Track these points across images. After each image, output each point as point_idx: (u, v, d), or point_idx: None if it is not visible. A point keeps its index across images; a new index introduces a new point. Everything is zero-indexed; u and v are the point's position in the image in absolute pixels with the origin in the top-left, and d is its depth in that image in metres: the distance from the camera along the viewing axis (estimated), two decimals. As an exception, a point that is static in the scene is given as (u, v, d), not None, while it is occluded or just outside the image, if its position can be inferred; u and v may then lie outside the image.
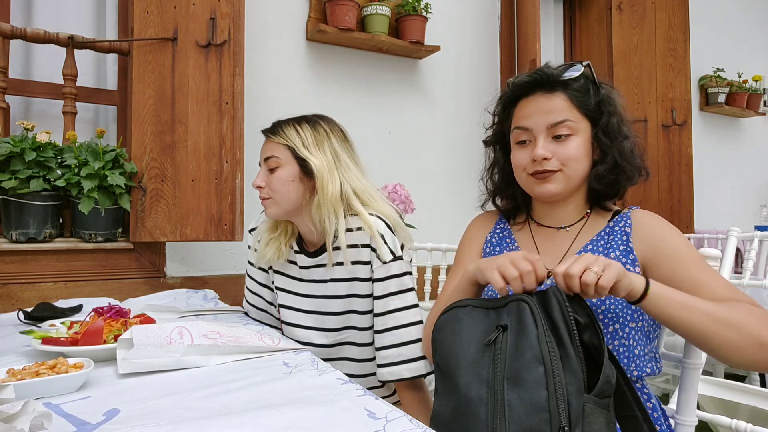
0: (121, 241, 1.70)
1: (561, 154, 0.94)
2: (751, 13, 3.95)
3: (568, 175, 0.95)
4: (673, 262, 0.89)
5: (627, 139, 0.97)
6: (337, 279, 1.15)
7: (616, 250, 0.93)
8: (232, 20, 1.76)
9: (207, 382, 0.77)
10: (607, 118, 0.95)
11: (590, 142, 0.95)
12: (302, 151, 1.12)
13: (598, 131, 0.95)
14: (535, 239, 1.02)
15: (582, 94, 0.95)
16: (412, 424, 0.61)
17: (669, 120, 3.06)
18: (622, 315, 0.88)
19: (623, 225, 0.95)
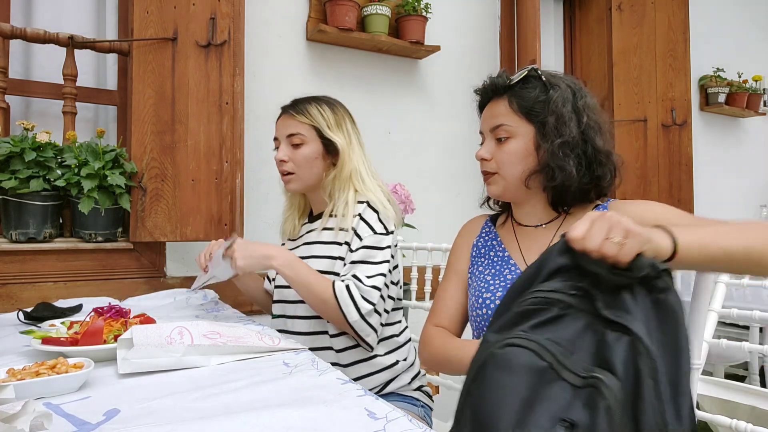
0: (121, 241, 1.70)
1: (497, 157, 0.99)
2: (751, 13, 3.95)
3: (504, 177, 0.99)
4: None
5: (561, 137, 0.94)
6: (324, 242, 1.24)
7: None
8: (232, 20, 1.76)
9: (207, 382, 0.77)
10: (543, 120, 0.95)
11: (533, 145, 0.96)
12: (327, 131, 1.25)
13: (537, 134, 0.96)
14: (518, 238, 1.05)
15: (525, 99, 0.96)
16: (412, 425, 0.61)
17: (669, 120, 3.06)
18: None
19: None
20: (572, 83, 0.99)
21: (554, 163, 0.93)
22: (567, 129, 0.93)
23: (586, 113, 0.96)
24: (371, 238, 1.18)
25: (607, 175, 0.96)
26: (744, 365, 2.36)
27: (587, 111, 0.96)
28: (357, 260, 1.17)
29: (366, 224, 1.19)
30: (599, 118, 0.98)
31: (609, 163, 0.96)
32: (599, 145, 0.95)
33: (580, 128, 0.94)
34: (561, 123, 0.94)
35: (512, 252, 1.04)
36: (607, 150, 0.96)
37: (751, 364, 2.21)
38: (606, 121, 0.99)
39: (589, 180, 0.95)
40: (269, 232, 2.03)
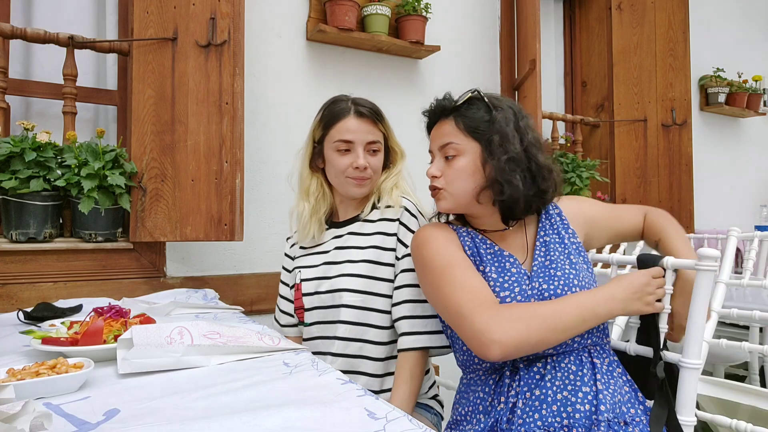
0: (121, 241, 1.70)
1: (446, 173, 1.05)
2: (751, 13, 3.95)
3: (452, 193, 1.05)
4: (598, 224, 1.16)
5: (507, 154, 1.00)
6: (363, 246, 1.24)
7: (565, 230, 1.09)
8: (232, 20, 1.76)
9: (207, 382, 0.77)
10: (488, 138, 1.01)
11: (480, 161, 1.02)
12: (394, 138, 1.34)
13: (483, 151, 1.02)
14: (492, 239, 1.11)
15: (471, 119, 1.03)
16: (412, 424, 0.61)
17: (669, 120, 3.06)
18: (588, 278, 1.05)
19: (555, 212, 1.12)
20: (513, 105, 1.06)
21: (502, 178, 0.99)
22: (511, 146, 1.00)
23: (528, 132, 1.03)
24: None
25: (550, 188, 1.04)
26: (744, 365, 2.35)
27: (528, 130, 1.03)
28: (406, 269, 1.20)
29: (409, 231, 1.22)
30: (539, 137, 1.06)
31: (551, 177, 1.04)
32: (541, 160, 1.02)
33: (523, 146, 1.01)
34: (505, 140, 1.00)
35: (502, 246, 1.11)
36: (548, 165, 1.04)
37: (751, 364, 2.21)
38: (543, 142, 1.08)
39: (534, 193, 1.02)
40: (269, 232, 2.03)
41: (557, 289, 1.00)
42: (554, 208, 1.12)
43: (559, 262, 1.03)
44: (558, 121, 2.92)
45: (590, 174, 2.70)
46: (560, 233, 1.09)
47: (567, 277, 1.01)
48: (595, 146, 3.13)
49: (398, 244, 1.21)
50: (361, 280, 1.21)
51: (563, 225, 1.10)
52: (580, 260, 1.06)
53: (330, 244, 1.30)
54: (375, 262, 1.21)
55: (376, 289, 1.20)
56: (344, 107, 1.26)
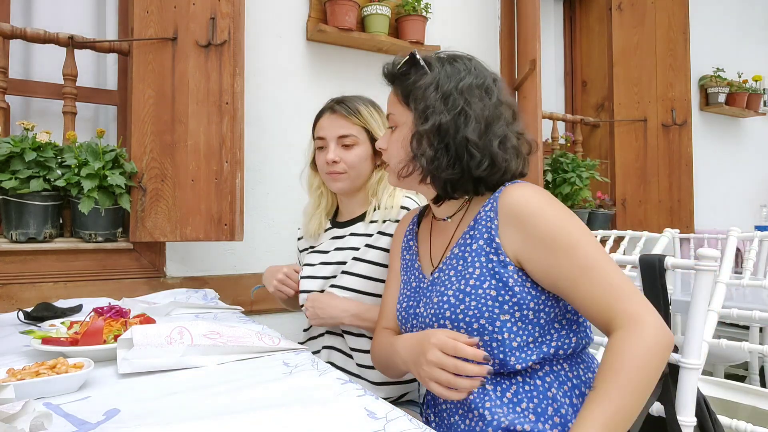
0: (121, 241, 1.70)
1: (388, 147, 0.97)
2: (751, 13, 3.95)
3: (391, 168, 0.97)
4: (549, 254, 0.79)
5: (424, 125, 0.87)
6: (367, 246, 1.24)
7: (479, 239, 0.85)
8: (232, 20, 1.76)
9: (207, 382, 0.77)
10: (416, 106, 0.89)
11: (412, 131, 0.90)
12: (378, 133, 1.26)
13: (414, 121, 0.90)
14: (432, 233, 1.01)
15: (405, 86, 0.92)
16: (412, 424, 0.61)
17: (669, 120, 3.06)
18: (487, 309, 0.81)
19: (489, 208, 0.87)
20: (462, 64, 0.91)
21: (418, 151, 0.88)
22: (432, 114, 0.86)
23: (465, 97, 0.86)
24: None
25: (482, 164, 0.86)
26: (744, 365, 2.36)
27: (467, 94, 0.87)
28: None
29: None
30: (485, 104, 0.87)
31: (485, 152, 0.86)
32: (470, 134, 0.85)
33: (452, 114, 0.86)
34: (427, 108, 0.87)
35: (422, 252, 1.01)
36: (486, 138, 0.86)
37: (751, 364, 2.21)
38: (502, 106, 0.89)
39: (460, 171, 0.87)
40: (269, 231, 2.03)
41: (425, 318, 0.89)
42: (493, 202, 0.87)
43: (453, 280, 0.86)
44: (558, 121, 2.92)
45: (590, 174, 2.70)
46: (481, 236, 0.86)
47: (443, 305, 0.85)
48: (595, 146, 3.13)
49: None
50: (360, 281, 1.21)
51: (488, 228, 0.85)
52: (488, 286, 0.81)
53: (331, 244, 1.31)
54: (375, 263, 1.22)
55: (375, 290, 1.21)
56: (324, 106, 1.32)
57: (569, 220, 0.81)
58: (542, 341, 0.83)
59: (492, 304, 0.81)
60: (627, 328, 0.73)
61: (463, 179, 0.88)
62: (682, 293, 1.87)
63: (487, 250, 0.84)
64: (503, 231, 0.83)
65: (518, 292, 0.81)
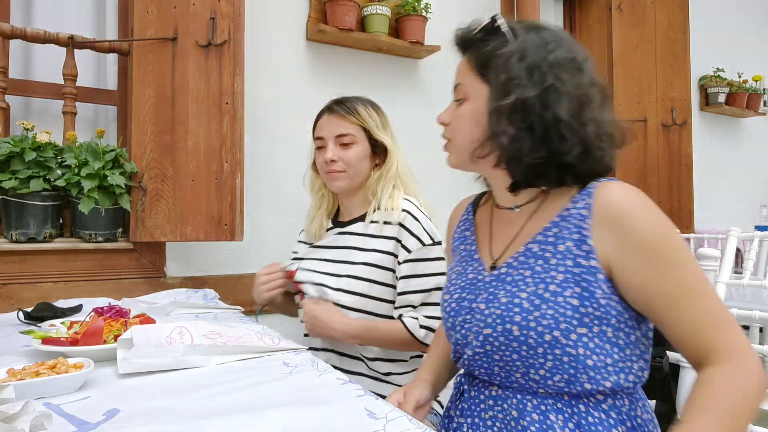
0: (121, 241, 1.70)
1: (452, 121, 0.87)
2: (751, 13, 3.95)
3: (456, 145, 0.86)
4: (649, 266, 0.70)
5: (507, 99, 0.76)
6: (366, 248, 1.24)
7: (567, 240, 0.75)
8: (232, 20, 1.76)
9: (207, 382, 0.77)
10: (495, 78, 0.79)
11: (486, 108, 0.80)
12: (376, 132, 1.28)
13: (490, 95, 0.80)
14: (492, 224, 0.90)
15: (482, 54, 0.82)
16: (412, 424, 0.61)
17: (669, 120, 3.06)
18: (565, 320, 0.72)
19: (582, 205, 0.76)
20: (549, 34, 0.80)
21: (491, 131, 0.79)
22: (516, 88, 0.76)
23: (555, 71, 0.76)
24: (420, 251, 1.21)
25: (572, 149, 0.75)
26: (744, 365, 2.35)
27: (557, 68, 0.76)
28: (408, 275, 1.19)
29: (411, 235, 1.21)
30: (577, 80, 0.77)
31: (578, 135, 0.75)
32: (561, 112, 0.74)
33: (539, 89, 0.75)
34: (510, 80, 0.76)
35: (481, 243, 0.91)
36: (580, 119, 0.76)
37: (751, 364, 2.20)
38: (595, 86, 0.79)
39: (545, 154, 0.76)
40: (269, 232, 2.03)
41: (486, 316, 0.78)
42: (586, 198, 0.76)
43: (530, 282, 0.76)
44: (558, 121, 2.92)
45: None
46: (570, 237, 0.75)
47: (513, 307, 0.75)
48: (595, 146, 3.13)
49: (400, 248, 1.21)
50: (360, 283, 1.21)
51: (579, 228, 0.75)
52: (571, 294, 0.72)
53: (331, 241, 1.32)
54: (375, 265, 1.22)
55: (374, 292, 1.21)
56: (324, 107, 1.34)
57: (673, 233, 0.72)
58: (621, 367, 0.74)
59: (571, 314, 0.72)
60: (727, 364, 0.66)
61: (548, 165, 0.77)
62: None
63: (575, 253, 0.74)
64: (597, 233, 0.73)
65: (604, 304, 0.72)
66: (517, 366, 0.76)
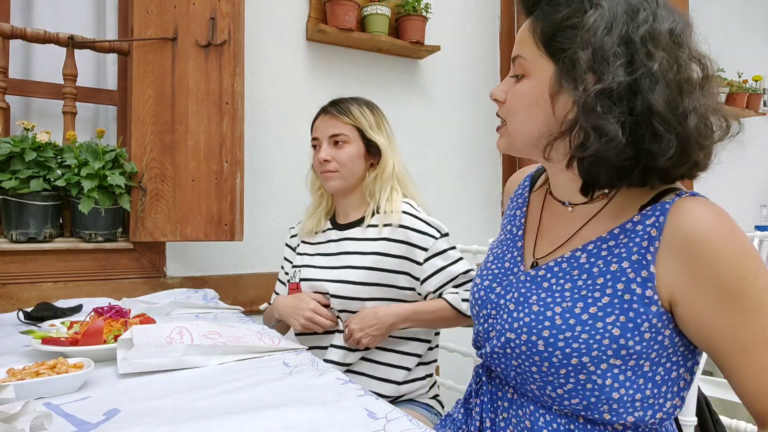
0: (121, 241, 1.70)
1: (509, 98, 0.72)
2: (751, 13, 3.95)
3: (510, 130, 0.72)
4: (722, 308, 0.59)
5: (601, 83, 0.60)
6: (365, 252, 1.24)
7: (624, 260, 0.64)
8: (232, 20, 1.76)
9: (207, 382, 0.77)
10: (570, 55, 0.63)
11: (549, 90, 0.66)
12: (369, 132, 1.28)
13: (557, 74, 0.65)
14: (543, 214, 0.79)
15: (551, 22, 0.65)
16: (412, 424, 0.61)
17: (669, 120, 3.06)
18: (599, 348, 0.63)
19: (652, 222, 0.63)
20: (639, 2, 0.63)
21: (586, 122, 0.61)
22: (609, 69, 0.60)
23: (647, 48, 0.60)
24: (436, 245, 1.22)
25: (668, 149, 0.60)
26: (744, 365, 2.35)
27: (650, 45, 0.60)
28: (434, 271, 1.21)
29: (421, 234, 1.22)
30: (678, 58, 0.62)
31: (675, 131, 0.61)
32: (656, 102, 0.59)
33: (628, 73, 0.60)
34: (600, 61, 0.60)
35: (528, 232, 0.80)
36: (676, 111, 0.60)
37: (751, 364, 2.20)
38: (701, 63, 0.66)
39: (633, 153, 0.61)
40: (269, 231, 2.03)
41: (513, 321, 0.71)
42: (659, 215, 0.64)
43: (567, 296, 0.67)
44: (558, 121, 2.92)
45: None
46: (627, 257, 0.64)
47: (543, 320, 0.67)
48: (595, 146, 3.13)
49: (413, 249, 1.21)
50: (354, 287, 1.21)
51: (642, 248, 0.63)
52: (613, 321, 0.63)
53: (332, 246, 1.31)
54: (375, 268, 1.21)
55: (371, 294, 1.21)
56: (320, 108, 1.35)
57: (759, 270, 0.59)
58: (651, 404, 0.65)
59: (608, 344, 0.63)
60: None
61: (635, 168, 0.63)
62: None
63: (630, 277, 0.63)
64: (664, 259, 0.62)
65: (648, 339, 0.62)
66: (534, 378, 0.70)
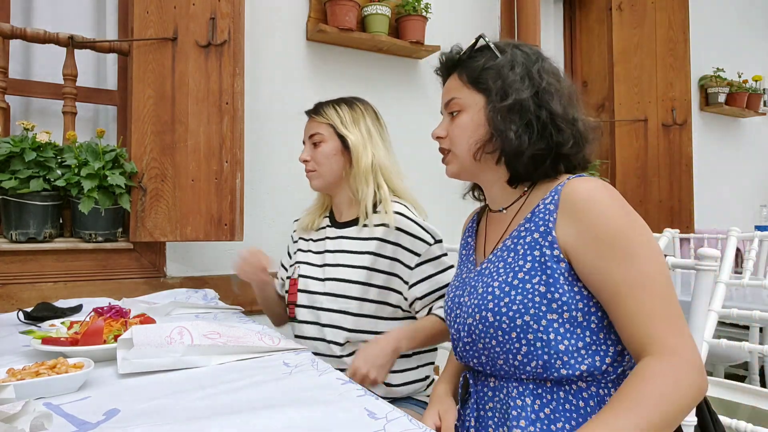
0: (121, 241, 1.70)
1: (451, 133, 0.93)
2: (751, 13, 3.95)
3: (456, 154, 0.93)
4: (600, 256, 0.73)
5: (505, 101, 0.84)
6: (360, 251, 1.24)
7: (535, 232, 0.81)
8: (232, 20, 1.76)
9: (207, 382, 0.77)
10: (490, 87, 0.87)
11: (484, 115, 0.88)
12: (341, 128, 1.28)
13: (486, 103, 0.88)
14: (487, 228, 0.97)
15: (473, 69, 0.90)
16: (412, 424, 0.61)
17: (669, 120, 3.06)
18: (533, 306, 0.76)
19: (550, 200, 0.81)
20: (529, 50, 0.90)
21: (494, 129, 0.85)
22: (513, 92, 0.84)
23: (542, 76, 0.86)
24: (428, 251, 1.22)
25: (568, 141, 0.84)
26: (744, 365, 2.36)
27: (543, 74, 0.86)
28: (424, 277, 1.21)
29: (415, 238, 1.21)
30: (561, 85, 0.87)
31: (571, 128, 0.85)
32: (556, 109, 0.84)
33: (533, 91, 0.85)
34: (507, 86, 0.85)
35: (478, 246, 0.99)
36: (569, 115, 0.85)
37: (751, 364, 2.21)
38: (573, 91, 0.89)
39: (544, 146, 0.84)
40: (269, 231, 2.03)
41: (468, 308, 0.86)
42: (554, 195, 0.82)
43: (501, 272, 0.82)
44: (558, 121, 2.93)
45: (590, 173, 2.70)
46: (537, 229, 0.81)
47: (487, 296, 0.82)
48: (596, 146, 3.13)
49: (405, 252, 1.21)
50: (347, 285, 1.22)
51: (545, 221, 0.80)
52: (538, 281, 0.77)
53: (328, 244, 1.32)
54: (370, 268, 1.22)
55: (363, 294, 1.21)
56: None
57: (634, 226, 0.75)
58: (594, 350, 0.76)
59: (539, 300, 0.76)
60: (660, 357, 0.68)
61: (546, 157, 0.85)
62: (682, 293, 1.87)
63: (541, 243, 0.79)
64: (560, 224, 0.78)
65: (567, 290, 0.76)
66: (497, 352, 0.81)
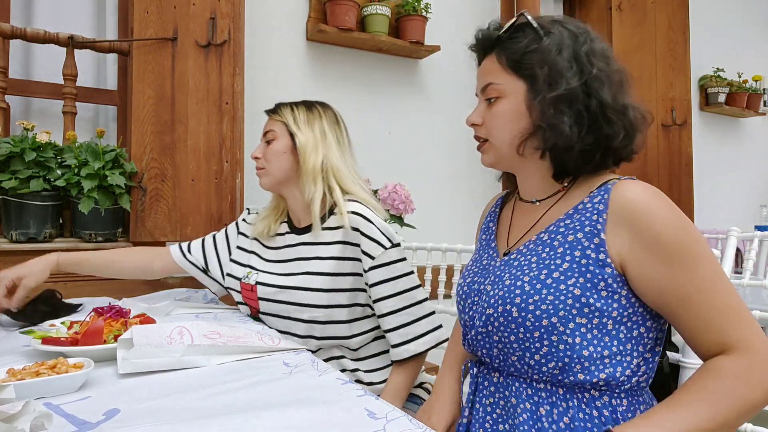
0: (121, 241, 1.70)
1: (487, 121, 0.86)
2: (751, 13, 3.95)
3: (494, 144, 0.86)
4: (664, 264, 0.70)
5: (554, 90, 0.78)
6: (322, 257, 1.20)
7: (578, 231, 0.76)
8: (232, 20, 1.76)
9: (207, 382, 0.77)
10: (534, 73, 0.80)
11: (525, 104, 0.82)
12: (292, 126, 1.24)
13: (529, 90, 0.82)
14: (513, 216, 0.93)
15: (513, 51, 0.82)
16: (412, 424, 0.61)
17: (669, 120, 3.06)
18: (564, 308, 0.73)
19: (599, 200, 0.77)
20: (575, 27, 0.82)
21: (545, 122, 0.79)
22: (563, 80, 0.78)
23: (591, 61, 0.79)
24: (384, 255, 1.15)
25: (619, 133, 0.79)
26: (744, 365, 2.35)
27: (593, 58, 0.79)
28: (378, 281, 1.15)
29: (371, 240, 1.16)
30: (610, 68, 0.81)
31: (622, 119, 0.79)
32: (606, 98, 0.78)
33: (582, 79, 0.78)
34: (555, 73, 0.79)
35: (500, 233, 0.94)
36: (619, 104, 0.79)
37: (751, 364, 2.20)
38: (624, 75, 0.83)
39: (593, 140, 0.78)
40: (269, 232, 2.03)
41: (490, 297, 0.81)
42: (604, 194, 0.77)
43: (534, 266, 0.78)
44: (558, 121, 2.93)
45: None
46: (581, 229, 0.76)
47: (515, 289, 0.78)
48: (595, 146, 3.14)
49: (362, 254, 1.16)
50: (324, 295, 1.17)
51: (592, 221, 0.76)
52: (574, 283, 0.74)
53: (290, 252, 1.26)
54: (336, 273, 1.17)
55: (330, 302, 1.17)
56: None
57: (690, 230, 0.73)
58: (618, 360, 0.74)
59: (572, 303, 0.73)
60: (736, 353, 0.67)
61: (596, 151, 0.80)
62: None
63: (585, 245, 0.75)
64: (612, 229, 0.74)
65: (605, 297, 0.73)
66: (514, 348, 0.78)
